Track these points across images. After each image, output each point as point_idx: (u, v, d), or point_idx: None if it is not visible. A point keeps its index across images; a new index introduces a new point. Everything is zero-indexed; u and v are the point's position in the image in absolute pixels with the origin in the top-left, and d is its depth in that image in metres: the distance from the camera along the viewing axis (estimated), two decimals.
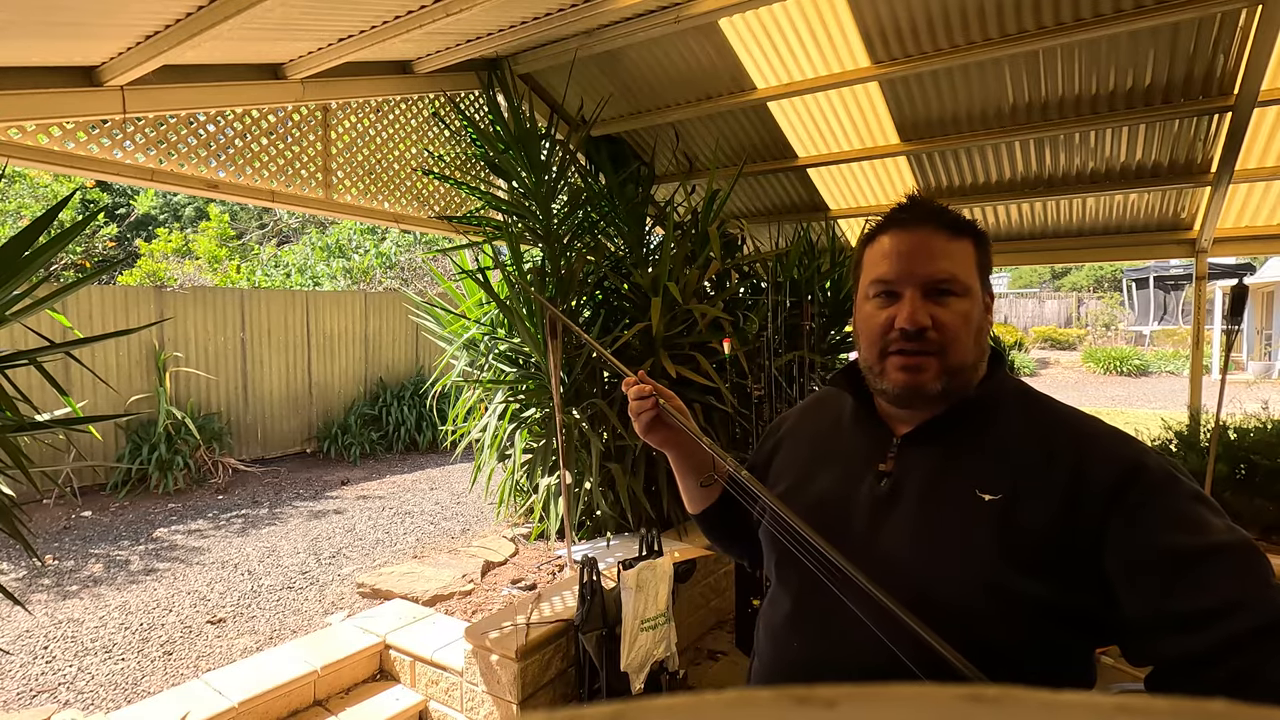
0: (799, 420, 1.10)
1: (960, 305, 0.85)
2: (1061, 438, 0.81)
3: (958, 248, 0.87)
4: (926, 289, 0.85)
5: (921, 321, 0.83)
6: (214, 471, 6.96)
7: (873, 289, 0.89)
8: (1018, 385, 0.91)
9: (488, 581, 3.66)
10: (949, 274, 0.85)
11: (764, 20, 3.28)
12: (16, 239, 1.73)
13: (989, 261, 0.91)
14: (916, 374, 0.85)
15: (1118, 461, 0.76)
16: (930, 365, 0.84)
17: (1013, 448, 0.83)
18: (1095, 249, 4.74)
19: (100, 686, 3.17)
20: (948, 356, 0.84)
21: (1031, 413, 0.87)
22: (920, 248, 0.86)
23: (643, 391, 1.08)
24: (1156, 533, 0.70)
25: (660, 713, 0.16)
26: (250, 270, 11.42)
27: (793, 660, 0.90)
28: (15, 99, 2.38)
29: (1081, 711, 0.14)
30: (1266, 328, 16.04)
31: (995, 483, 0.80)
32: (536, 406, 3.80)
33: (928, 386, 0.85)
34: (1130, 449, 0.78)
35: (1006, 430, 0.85)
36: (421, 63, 3.46)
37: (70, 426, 2.13)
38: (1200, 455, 3.85)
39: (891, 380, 0.87)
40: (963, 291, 0.85)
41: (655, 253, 4.02)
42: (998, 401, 0.88)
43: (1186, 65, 3.10)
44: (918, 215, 0.89)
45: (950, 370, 0.85)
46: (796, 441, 1.06)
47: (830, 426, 1.02)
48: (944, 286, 0.85)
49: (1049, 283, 27.44)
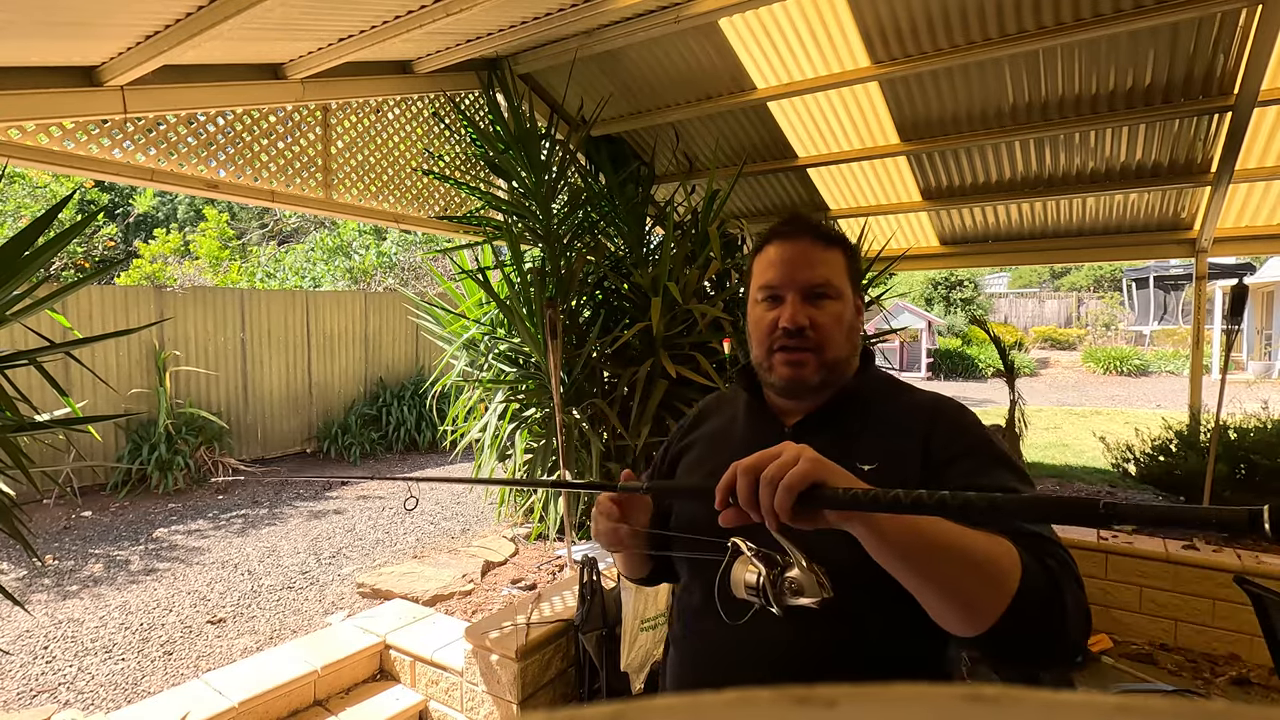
0: (698, 424, 1.18)
1: (834, 307, 0.99)
2: (920, 415, 0.97)
3: (832, 257, 1.01)
4: (805, 293, 0.99)
5: (800, 321, 0.97)
6: (214, 471, 6.96)
7: (760, 294, 1.02)
8: (886, 377, 1.07)
9: (488, 581, 3.66)
10: (824, 279, 0.99)
11: (764, 20, 3.28)
12: (16, 239, 1.73)
13: (859, 269, 1.06)
14: (799, 368, 0.98)
15: (958, 433, 0.94)
16: (809, 360, 0.98)
17: (883, 427, 0.97)
18: (1095, 249, 4.75)
19: (100, 686, 3.17)
20: (824, 352, 0.98)
21: (898, 398, 1.02)
22: (799, 257, 1.00)
23: (612, 514, 0.98)
24: (978, 485, 0.84)
25: (660, 713, 0.16)
26: (250, 270, 11.42)
27: (709, 641, 0.97)
28: (15, 99, 2.38)
29: (1081, 711, 0.14)
30: (1266, 328, 16.04)
31: (871, 456, 0.93)
32: (536, 406, 3.80)
33: (808, 379, 0.98)
34: (967, 424, 0.96)
35: (879, 414, 1.00)
36: (421, 63, 3.46)
37: (70, 426, 2.13)
38: (1200, 455, 3.85)
39: (778, 374, 1.00)
40: (836, 295, 0.99)
41: (655, 253, 4.02)
42: (871, 391, 1.03)
43: (1186, 65, 3.10)
44: (797, 229, 1.02)
45: (827, 365, 0.98)
46: (699, 442, 1.15)
47: (728, 423, 1.13)
48: (819, 290, 0.99)
49: (1049, 282, 27.43)
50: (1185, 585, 3.15)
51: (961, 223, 4.95)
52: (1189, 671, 2.93)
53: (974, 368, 17.66)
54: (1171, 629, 3.18)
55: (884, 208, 4.83)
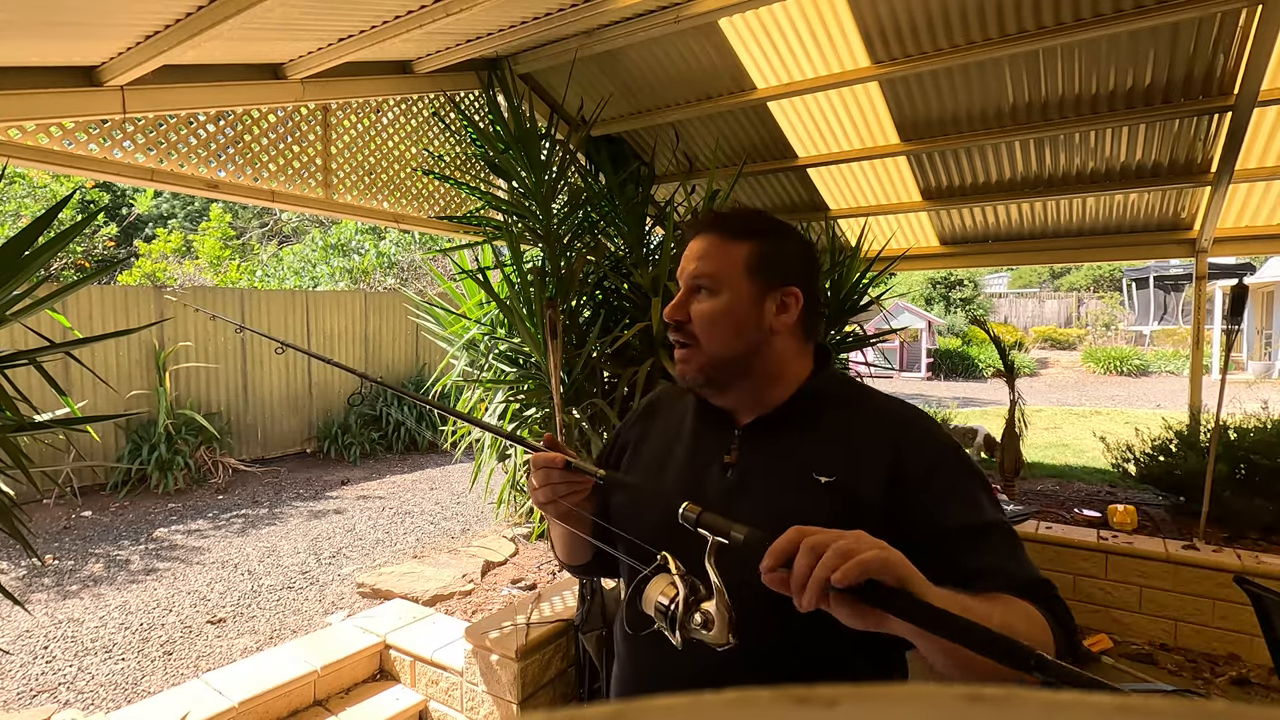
0: (645, 422, 1.14)
1: (708, 302, 0.94)
2: (884, 426, 0.92)
3: (729, 249, 0.94)
4: (690, 287, 0.96)
5: (674, 315, 0.95)
6: (214, 471, 6.96)
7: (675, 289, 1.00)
8: (845, 378, 1.02)
9: (488, 581, 3.66)
10: (700, 272, 0.94)
11: (764, 20, 3.28)
12: (16, 239, 1.73)
13: (783, 260, 0.96)
14: (683, 364, 0.96)
15: (929, 449, 0.90)
16: (691, 358, 0.95)
17: (843, 435, 0.92)
18: (1095, 249, 4.75)
19: (100, 686, 3.17)
20: (703, 348, 0.94)
21: (859, 404, 0.97)
22: (690, 250, 0.97)
23: (553, 462, 0.91)
24: (953, 512, 0.84)
25: (660, 713, 0.16)
26: (250, 270, 11.41)
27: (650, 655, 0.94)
28: (15, 99, 2.38)
29: (1081, 711, 0.14)
30: (1266, 328, 16.04)
31: (829, 466, 0.89)
32: (537, 406, 3.80)
33: (689, 376, 0.96)
34: (938, 439, 0.92)
35: (837, 419, 0.94)
36: (421, 63, 3.46)
37: (70, 426, 2.13)
38: (1200, 455, 3.85)
39: (675, 371, 0.98)
40: (714, 289, 0.94)
41: (655, 253, 4.02)
42: (827, 394, 0.97)
43: (1186, 65, 3.10)
44: (706, 221, 0.98)
45: (712, 362, 0.94)
46: (650, 438, 1.10)
47: (678, 421, 1.08)
48: (697, 283, 0.95)
49: (1049, 282, 27.43)
50: (1185, 585, 3.15)
51: (961, 223, 4.95)
52: (1189, 671, 2.93)
53: (974, 368, 17.66)
54: (1171, 629, 3.18)
55: (884, 208, 4.83)
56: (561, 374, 3.51)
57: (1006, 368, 4.68)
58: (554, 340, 2.94)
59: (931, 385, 16.08)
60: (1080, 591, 3.38)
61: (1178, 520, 3.87)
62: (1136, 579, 3.26)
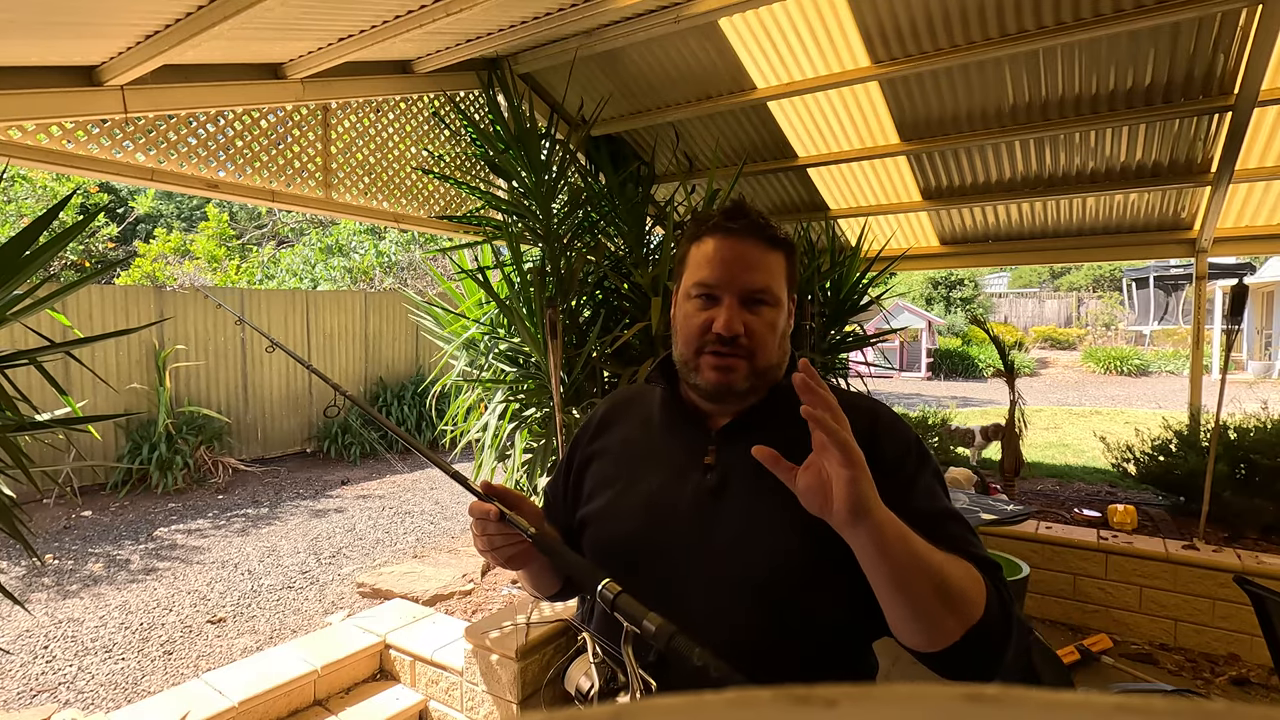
0: (603, 436, 1.09)
1: (770, 314, 0.94)
2: (859, 415, 0.92)
3: (774, 260, 0.95)
4: (743, 297, 0.93)
5: (736, 329, 0.92)
6: (214, 471, 6.96)
7: (695, 290, 0.96)
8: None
9: (488, 581, 3.66)
10: (764, 285, 0.94)
11: (764, 20, 3.28)
12: (16, 239, 1.73)
13: (796, 272, 1.01)
14: (728, 374, 0.93)
15: (898, 439, 0.94)
16: (740, 367, 0.93)
17: None
18: (1095, 249, 4.75)
19: (100, 686, 3.17)
20: (756, 359, 0.94)
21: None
22: (742, 258, 0.94)
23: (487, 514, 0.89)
24: (916, 498, 0.88)
25: (660, 713, 0.16)
26: (249, 270, 11.41)
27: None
28: (15, 99, 2.38)
29: (1081, 711, 0.14)
30: (1266, 328, 16.04)
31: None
32: (536, 406, 3.80)
33: (737, 385, 0.94)
34: (904, 430, 0.95)
35: None
36: (421, 62, 3.46)
37: (70, 426, 2.13)
38: (1200, 455, 3.85)
39: (705, 378, 0.94)
40: (774, 302, 0.95)
41: (655, 252, 4.02)
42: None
43: (1186, 65, 3.10)
44: (743, 227, 0.96)
45: (758, 371, 0.94)
46: (609, 452, 1.06)
47: (641, 427, 1.05)
48: (759, 297, 0.94)
49: (1049, 282, 27.42)
50: (1185, 585, 3.15)
51: (961, 223, 4.95)
52: (1189, 671, 2.93)
53: (974, 367, 17.67)
54: (1171, 629, 3.18)
55: (884, 207, 4.83)
56: (561, 374, 3.51)
57: (1006, 367, 4.68)
58: (554, 340, 2.94)
59: (931, 385, 16.08)
60: (1080, 591, 3.38)
61: (1178, 520, 3.88)
62: (1136, 579, 3.26)
